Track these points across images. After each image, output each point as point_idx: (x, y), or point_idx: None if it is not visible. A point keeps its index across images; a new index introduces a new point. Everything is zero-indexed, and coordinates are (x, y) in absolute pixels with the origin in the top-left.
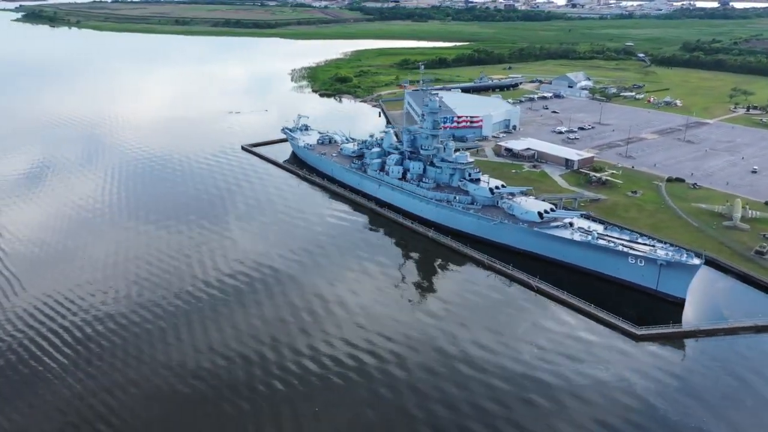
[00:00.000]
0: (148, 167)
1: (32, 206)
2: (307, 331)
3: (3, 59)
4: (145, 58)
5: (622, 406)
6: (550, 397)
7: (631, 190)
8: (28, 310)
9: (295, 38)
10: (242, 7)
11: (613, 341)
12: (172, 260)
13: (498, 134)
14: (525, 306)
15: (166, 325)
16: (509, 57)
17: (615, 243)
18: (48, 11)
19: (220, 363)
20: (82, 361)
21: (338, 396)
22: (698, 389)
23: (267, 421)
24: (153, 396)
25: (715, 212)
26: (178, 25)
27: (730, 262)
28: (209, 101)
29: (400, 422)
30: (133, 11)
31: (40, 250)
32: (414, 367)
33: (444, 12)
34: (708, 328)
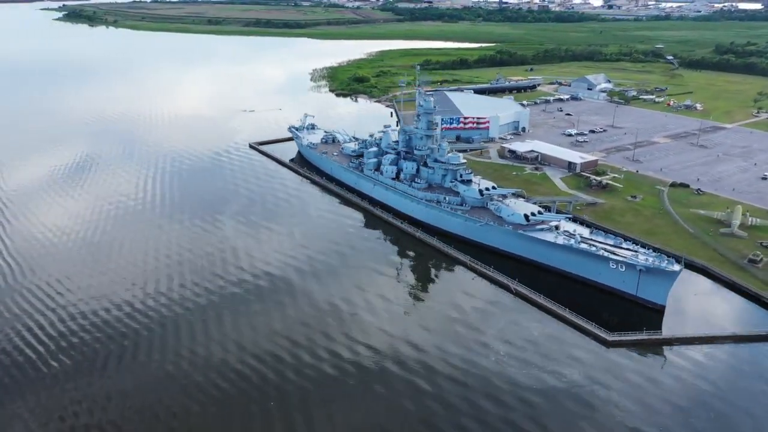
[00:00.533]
0: (163, 163)
1: (56, 201)
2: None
3: (43, 58)
4: (174, 57)
5: (573, 412)
6: (499, 400)
7: (631, 194)
8: (65, 304)
9: (323, 38)
10: (276, 8)
11: (584, 346)
12: (199, 257)
13: (506, 136)
14: (500, 308)
15: (193, 318)
16: (533, 58)
17: (597, 247)
18: (88, 11)
19: (248, 361)
20: (113, 357)
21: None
22: (660, 397)
23: (295, 415)
24: (184, 392)
25: (714, 219)
26: (211, 24)
27: (720, 270)
28: (227, 99)
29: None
30: (169, 11)
31: (73, 243)
32: (367, 362)
33: (475, 13)
34: (683, 336)
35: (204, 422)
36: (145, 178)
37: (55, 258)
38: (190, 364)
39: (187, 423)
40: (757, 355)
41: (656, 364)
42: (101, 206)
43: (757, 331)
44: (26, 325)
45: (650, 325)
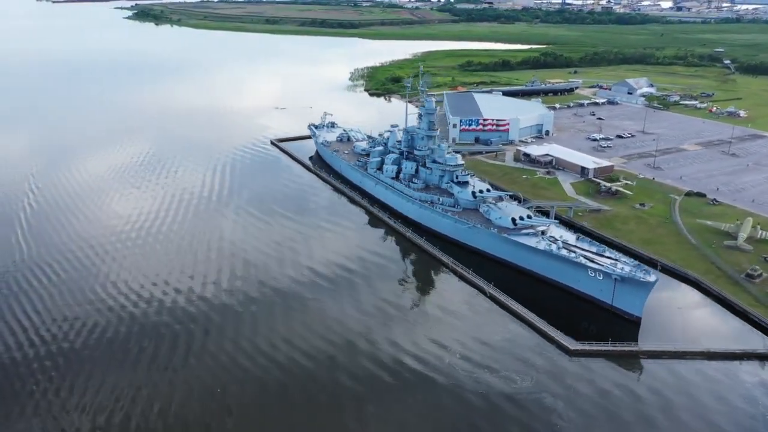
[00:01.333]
0: (200, 157)
1: (119, 191)
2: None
3: (108, 56)
4: (226, 55)
5: (511, 416)
6: (438, 400)
7: (640, 202)
8: (137, 290)
9: (373, 38)
10: (335, 8)
11: (546, 353)
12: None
13: (528, 139)
14: (471, 310)
15: (257, 309)
16: (579, 61)
17: (576, 254)
18: (156, 9)
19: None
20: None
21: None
22: (606, 410)
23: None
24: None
25: (722, 230)
26: (268, 24)
27: (712, 284)
28: (264, 96)
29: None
30: (232, 10)
31: (137, 233)
32: (316, 355)
33: (533, 14)
34: (651, 349)
35: (257, 411)
36: (185, 171)
37: (132, 250)
38: (245, 355)
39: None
40: (723, 373)
41: (614, 376)
42: (158, 197)
43: (731, 348)
44: (108, 307)
45: (627, 336)
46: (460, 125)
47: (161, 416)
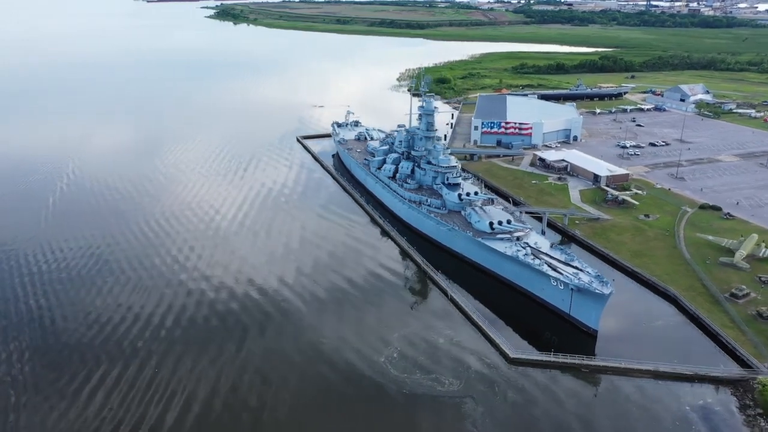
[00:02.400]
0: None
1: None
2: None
3: (189, 53)
4: (291, 54)
5: (426, 417)
6: (358, 393)
7: (645, 213)
8: (217, 278)
9: (438, 39)
10: (409, 8)
11: (486, 359)
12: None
13: (553, 144)
14: (428, 311)
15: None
16: (641, 65)
17: (541, 262)
18: (236, 9)
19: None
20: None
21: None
22: (524, 420)
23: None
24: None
25: (722, 246)
26: (339, 24)
27: (689, 301)
28: (307, 94)
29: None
30: (309, 10)
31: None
32: (254, 346)
33: (610, 16)
34: (595, 363)
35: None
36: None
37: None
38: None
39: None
40: (666, 393)
41: (546, 387)
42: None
43: (682, 369)
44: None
45: (584, 348)
46: (482, 128)
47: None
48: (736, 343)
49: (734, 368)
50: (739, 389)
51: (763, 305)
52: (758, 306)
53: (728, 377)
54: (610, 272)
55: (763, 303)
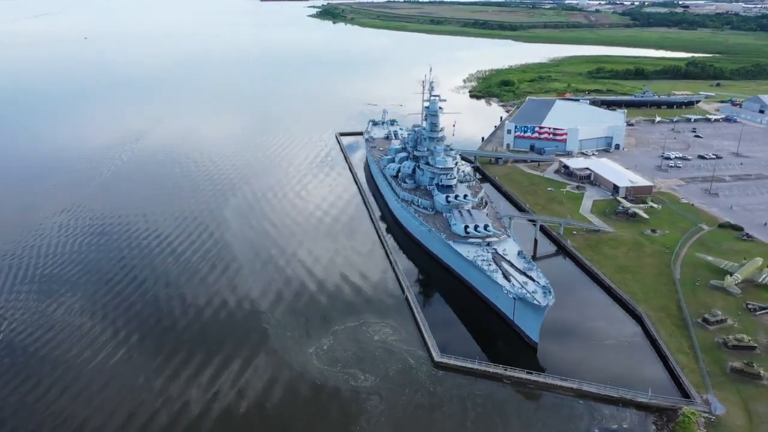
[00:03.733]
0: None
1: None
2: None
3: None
4: (377, 54)
5: (327, 411)
6: (274, 382)
7: (653, 228)
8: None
9: (526, 41)
10: (509, 9)
11: (413, 360)
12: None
13: (590, 151)
14: (375, 307)
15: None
16: (733, 73)
17: (496, 268)
18: (338, 8)
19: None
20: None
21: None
22: (424, 425)
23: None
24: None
25: (720, 268)
26: (432, 24)
27: (654, 322)
28: (368, 93)
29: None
30: (408, 10)
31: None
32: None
33: (724, 20)
34: (517, 375)
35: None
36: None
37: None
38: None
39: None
40: (583, 413)
41: (459, 394)
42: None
43: (607, 391)
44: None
45: (523, 359)
46: (515, 131)
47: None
48: (683, 370)
49: (664, 395)
50: (663, 418)
51: (735, 333)
52: (729, 334)
53: (656, 404)
54: (585, 286)
55: (738, 331)
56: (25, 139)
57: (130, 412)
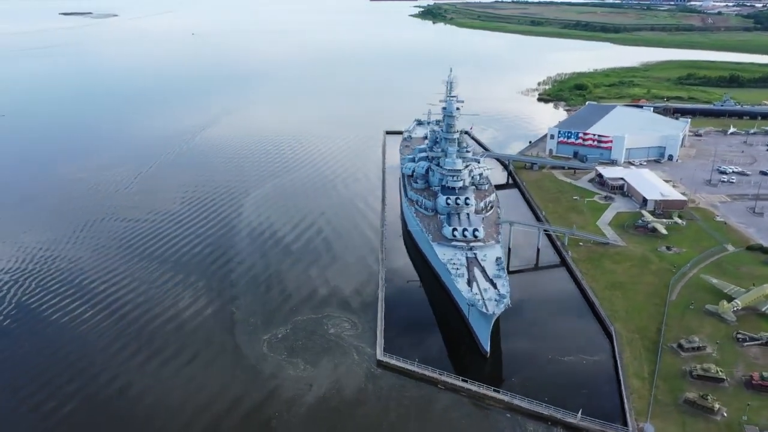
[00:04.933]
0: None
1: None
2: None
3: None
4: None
5: (246, 398)
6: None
7: (670, 245)
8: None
9: (627, 44)
10: (621, 10)
11: (358, 355)
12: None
13: (637, 161)
14: (343, 300)
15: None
16: None
17: (462, 272)
18: (441, 9)
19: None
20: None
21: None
22: (334, 424)
23: None
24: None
25: (724, 292)
26: (532, 25)
27: (624, 343)
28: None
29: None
30: (512, 11)
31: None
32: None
33: None
34: (452, 381)
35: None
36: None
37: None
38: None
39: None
40: (499, 427)
41: (386, 393)
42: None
43: (537, 408)
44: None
45: (473, 367)
46: (558, 137)
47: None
48: (631, 395)
49: (598, 419)
50: None
51: (708, 363)
52: (701, 362)
53: (585, 427)
54: (570, 300)
55: (714, 361)
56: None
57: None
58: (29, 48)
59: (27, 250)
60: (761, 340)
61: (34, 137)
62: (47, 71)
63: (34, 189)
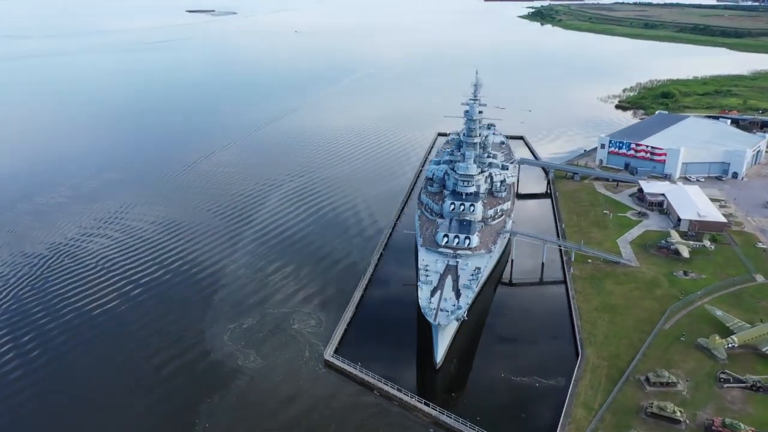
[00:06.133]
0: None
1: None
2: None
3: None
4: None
5: (182, 384)
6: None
7: (689, 269)
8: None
9: (745, 50)
10: (751, 15)
11: (311, 354)
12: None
13: (695, 177)
14: (320, 302)
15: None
16: None
17: (431, 279)
18: (553, 10)
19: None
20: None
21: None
22: (254, 421)
23: None
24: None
25: (726, 326)
26: (646, 28)
27: (586, 370)
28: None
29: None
30: (628, 13)
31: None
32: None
33: None
34: (387, 389)
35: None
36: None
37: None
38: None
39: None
40: None
41: (319, 393)
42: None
43: (462, 428)
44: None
45: (425, 381)
46: (609, 147)
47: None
48: (568, 425)
49: None
50: None
51: (667, 402)
52: (664, 400)
53: None
54: (555, 320)
55: (680, 400)
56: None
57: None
58: (157, 41)
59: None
60: (746, 383)
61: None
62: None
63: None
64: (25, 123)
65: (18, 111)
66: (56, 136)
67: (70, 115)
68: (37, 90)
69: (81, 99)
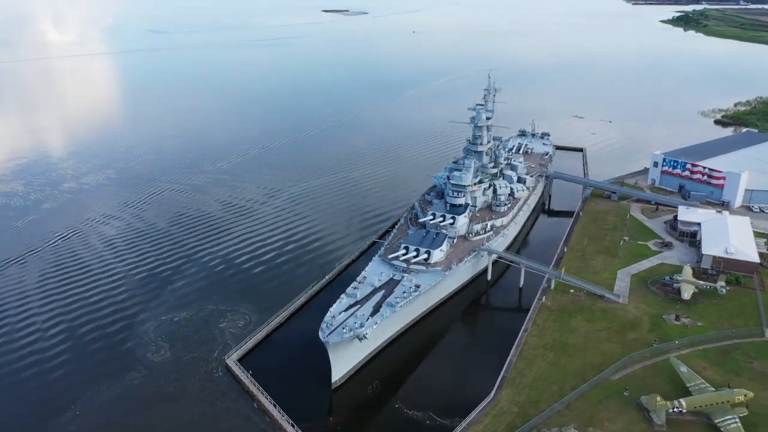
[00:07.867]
0: None
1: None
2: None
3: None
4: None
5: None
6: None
7: (683, 314)
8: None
9: None
10: None
11: (218, 356)
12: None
13: (759, 207)
14: (264, 302)
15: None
16: None
17: (355, 293)
18: (702, 14)
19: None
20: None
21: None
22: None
23: None
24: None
25: (687, 385)
26: None
27: (488, 415)
28: (593, 108)
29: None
30: None
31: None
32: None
33: None
34: (263, 403)
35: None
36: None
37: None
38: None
39: None
40: None
41: (210, 397)
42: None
43: None
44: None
45: (314, 401)
46: (662, 165)
47: None
48: None
49: None
50: None
51: None
52: None
53: None
54: (494, 352)
55: None
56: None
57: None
58: (285, 37)
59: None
60: None
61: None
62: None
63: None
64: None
65: (196, 99)
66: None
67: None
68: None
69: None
